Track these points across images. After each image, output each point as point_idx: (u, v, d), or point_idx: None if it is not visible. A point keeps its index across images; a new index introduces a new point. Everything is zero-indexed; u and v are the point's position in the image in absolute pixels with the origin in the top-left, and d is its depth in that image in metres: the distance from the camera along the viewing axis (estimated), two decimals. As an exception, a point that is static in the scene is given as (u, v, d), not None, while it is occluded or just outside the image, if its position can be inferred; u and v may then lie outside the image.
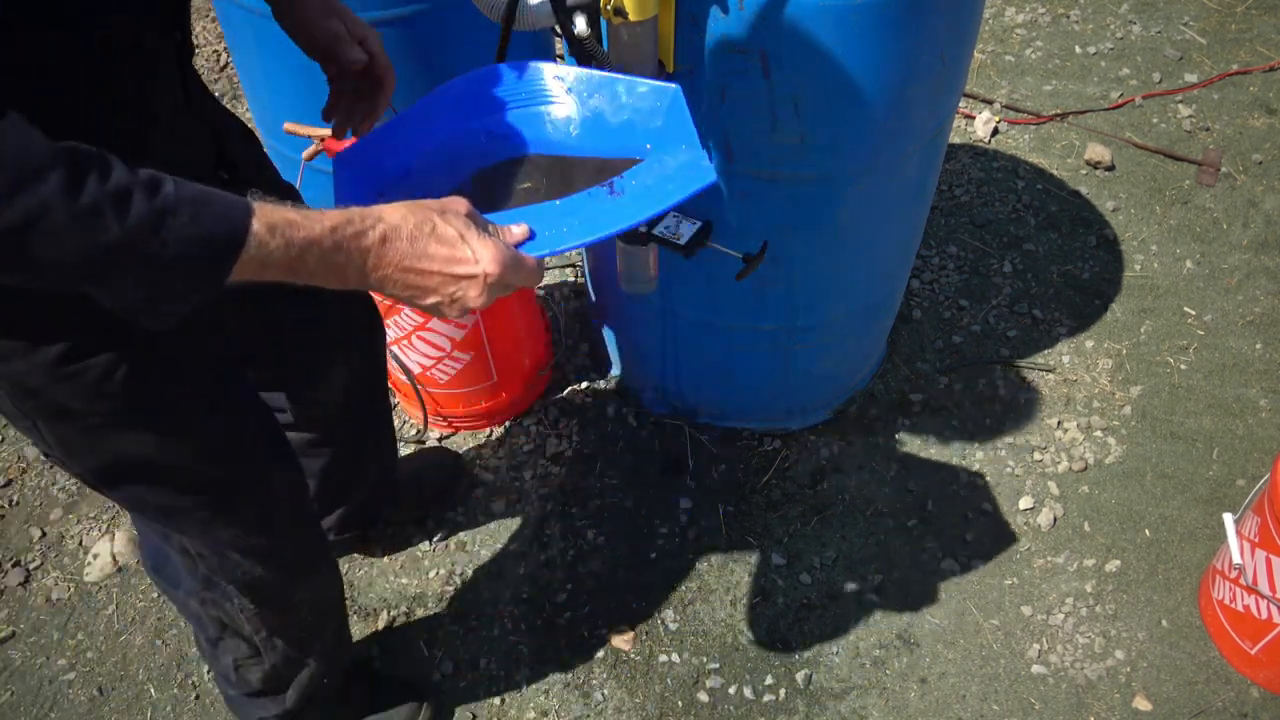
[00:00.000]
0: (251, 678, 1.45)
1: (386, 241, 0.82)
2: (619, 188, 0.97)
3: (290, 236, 0.77)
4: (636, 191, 0.96)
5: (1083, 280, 2.40)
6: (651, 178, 0.97)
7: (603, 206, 0.95)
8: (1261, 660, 1.69)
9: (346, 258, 0.80)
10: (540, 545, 1.94)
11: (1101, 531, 1.94)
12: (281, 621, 1.36)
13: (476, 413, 2.09)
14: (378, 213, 0.83)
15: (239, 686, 1.48)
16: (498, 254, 0.85)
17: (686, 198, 0.93)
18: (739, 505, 1.99)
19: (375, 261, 0.82)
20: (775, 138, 1.42)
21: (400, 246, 0.82)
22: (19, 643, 1.85)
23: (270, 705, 1.50)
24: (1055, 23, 3.17)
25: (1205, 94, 2.88)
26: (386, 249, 0.82)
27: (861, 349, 2.03)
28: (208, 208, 0.73)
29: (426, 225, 0.83)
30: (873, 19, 1.28)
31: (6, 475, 2.10)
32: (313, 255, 0.78)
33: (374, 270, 0.82)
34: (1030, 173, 2.67)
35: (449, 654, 1.79)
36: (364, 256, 0.81)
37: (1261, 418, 2.11)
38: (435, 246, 0.83)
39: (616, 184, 0.97)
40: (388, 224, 0.82)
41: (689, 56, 1.35)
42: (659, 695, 1.74)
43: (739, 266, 1.53)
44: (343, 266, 0.81)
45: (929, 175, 1.70)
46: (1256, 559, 1.61)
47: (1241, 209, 2.56)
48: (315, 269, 0.79)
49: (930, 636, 1.80)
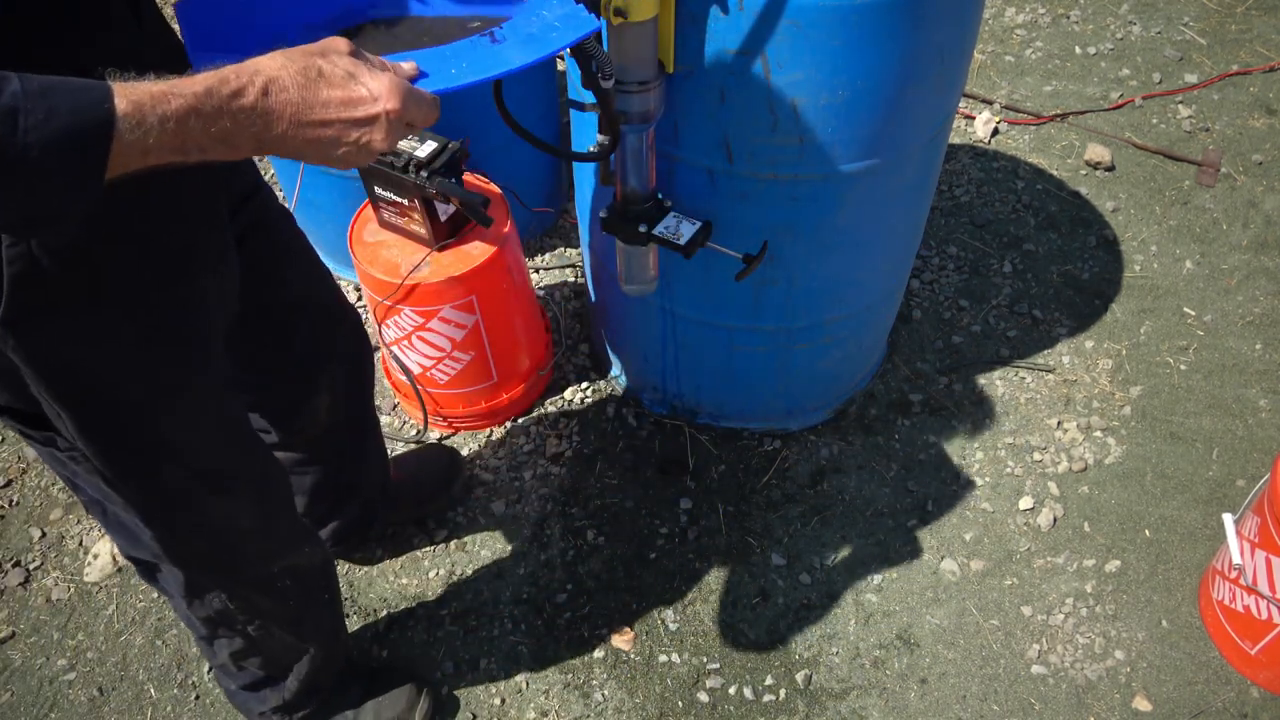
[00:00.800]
0: (250, 666, 1.45)
1: (269, 93, 0.75)
2: (499, 36, 0.96)
3: (163, 111, 0.70)
4: (520, 39, 0.95)
5: (1083, 280, 2.40)
6: (534, 27, 0.97)
7: (487, 52, 0.94)
8: (1261, 660, 1.69)
9: (233, 121, 0.74)
10: (540, 545, 1.94)
11: (1101, 532, 1.94)
12: (270, 604, 1.36)
13: (476, 413, 2.09)
14: (253, 66, 0.75)
15: (239, 678, 1.48)
16: (394, 86, 0.80)
17: (572, 42, 0.95)
18: (739, 505, 1.99)
19: (264, 121, 0.75)
20: (775, 138, 1.42)
21: (287, 98, 0.76)
22: (19, 643, 1.85)
23: (270, 696, 1.50)
24: (1055, 23, 3.18)
25: (1205, 94, 2.88)
26: (272, 102, 0.75)
27: (861, 349, 2.03)
28: (62, 97, 0.66)
29: (311, 70, 0.77)
30: (873, 19, 1.28)
31: (6, 475, 2.10)
32: (194, 126, 0.72)
33: (266, 131, 0.76)
34: (1030, 173, 2.67)
35: (449, 654, 1.79)
36: (250, 117, 0.75)
37: (1261, 418, 2.11)
38: (327, 91, 0.77)
39: (497, 33, 0.96)
40: (267, 75, 0.75)
41: (689, 56, 1.35)
42: (659, 695, 1.74)
43: (739, 266, 1.54)
44: (231, 133, 0.74)
45: (929, 175, 1.70)
46: (1256, 559, 1.61)
47: (1241, 209, 2.56)
48: (202, 141, 0.73)
49: (930, 636, 1.80)
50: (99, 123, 0.68)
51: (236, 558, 1.28)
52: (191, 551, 1.22)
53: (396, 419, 2.17)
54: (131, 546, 1.23)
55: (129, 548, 1.24)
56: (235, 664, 1.44)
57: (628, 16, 1.20)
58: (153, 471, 1.10)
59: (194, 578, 1.27)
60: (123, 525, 1.18)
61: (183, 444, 1.11)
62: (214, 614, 1.33)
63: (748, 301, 1.75)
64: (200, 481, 1.15)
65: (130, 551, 1.25)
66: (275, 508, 1.31)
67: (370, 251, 1.81)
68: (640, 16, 1.21)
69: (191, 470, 1.13)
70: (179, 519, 1.17)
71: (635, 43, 1.26)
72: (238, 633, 1.38)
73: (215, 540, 1.23)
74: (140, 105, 0.69)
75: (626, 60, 1.28)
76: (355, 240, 1.84)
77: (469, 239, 1.81)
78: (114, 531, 1.22)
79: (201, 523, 1.20)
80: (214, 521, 1.20)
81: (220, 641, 1.40)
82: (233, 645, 1.40)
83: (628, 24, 1.21)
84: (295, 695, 1.51)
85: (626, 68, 1.29)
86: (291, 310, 1.33)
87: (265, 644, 1.41)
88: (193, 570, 1.25)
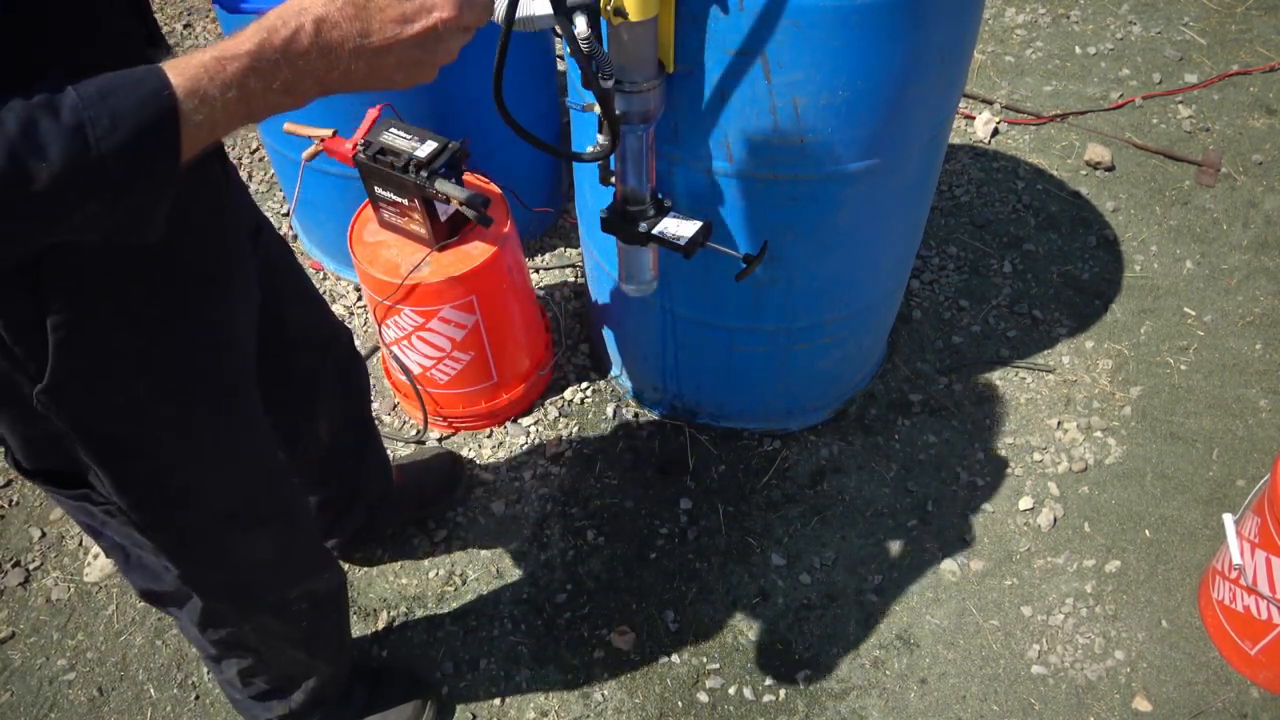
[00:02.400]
0: (258, 682, 1.45)
1: (321, 31, 0.71)
2: None
3: (221, 80, 0.67)
4: None
5: (1083, 280, 2.40)
6: None
7: None
8: (1261, 661, 1.68)
9: (293, 70, 0.71)
10: (540, 545, 1.94)
11: (1101, 532, 1.94)
12: (283, 626, 1.36)
13: (476, 413, 2.09)
14: (296, 5, 0.72)
15: (245, 691, 1.48)
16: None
17: None
18: (739, 505, 1.99)
19: (325, 61, 0.72)
20: (775, 138, 1.42)
21: (341, 32, 0.72)
22: (19, 643, 1.85)
23: (277, 705, 1.50)
24: (1055, 23, 3.18)
25: (1205, 94, 2.88)
26: (328, 39, 0.72)
27: (861, 349, 2.03)
28: (122, 97, 0.64)
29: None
30: (873, 20, 1.28)
31: (6, 475, 2.10)
32: (255, 86, 0.69)
33: (328, 71, 0.73)
34: (1030, 173, 2.67)
35: (449, 654, 1.79)
36: (309, 62, 0.71)
37: (1261, 418, 2.11)
38: (379, 13, 0.73)
39: None
40: (314, 13, 0.71)
41: (689, 57, 1.35)
42: (659, 695, 1.74)
43: (739, 266, 1.54)
44: (293, 83, 0.71)
45: (929, 175, 1.70)
46: (1256, 559, 1.61)
47: (1241, 209, 2.56)
48: (266, 98, 0.71)
49: (930, 636, 1.80)
50: (164, 114, 0.66)
51: (258, 587, 1.28)
52: (216, 583, 1.23)
53: (396, 419, 2.17)
54: (152, 583, 1.22)
55: (147, 584, 1.23)
56: (242, 680, 1.44)
57: (628, 16, 1.20)
58: (186, 517, 1.10)
59: (213, 607, 1.26)
60: (145, 567, 1.18)
61: (217, 487, 1.11)
62: (226, 637, 1.33)
63: (748, 301, 1.75)
64: (231, 521, 1.15)
65: (149, 587, 1.24)
66: (300, 536, 1.31)
67: (370, 251, 1.81)
68: (640, 16, 1.21)
69: (224, 510, 1.14)
70: (207, 556, 1.17)
71: (635, 43, 1.26)
72: (249, 653, 1.38)
73: (239, 572, 1.23)
74: (198, 82, 0.67)
75: (626, 60, 1.28)
76: (355, 240, 1.84)
77: (469, 239, 1.81)
78: (133, 572, 1.21)
79: (229, 558, 1.20)
80: (240, 555, 1.21)
81: (229, 661, 1.40)
82: (241, 664, 1.40)
83: (628, 24, 1.21)
84: (301, 707, 1.51)
85: (626, 68, 1.29)
86: (289, 346, 1.33)
87: (274, 662, 1.41)
88: (212, 599, 1.25)
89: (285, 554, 1.28)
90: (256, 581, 1.27)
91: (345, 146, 1.75)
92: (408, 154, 1.64)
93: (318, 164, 2.05)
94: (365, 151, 1.68)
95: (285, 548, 1.27)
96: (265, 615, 1.32)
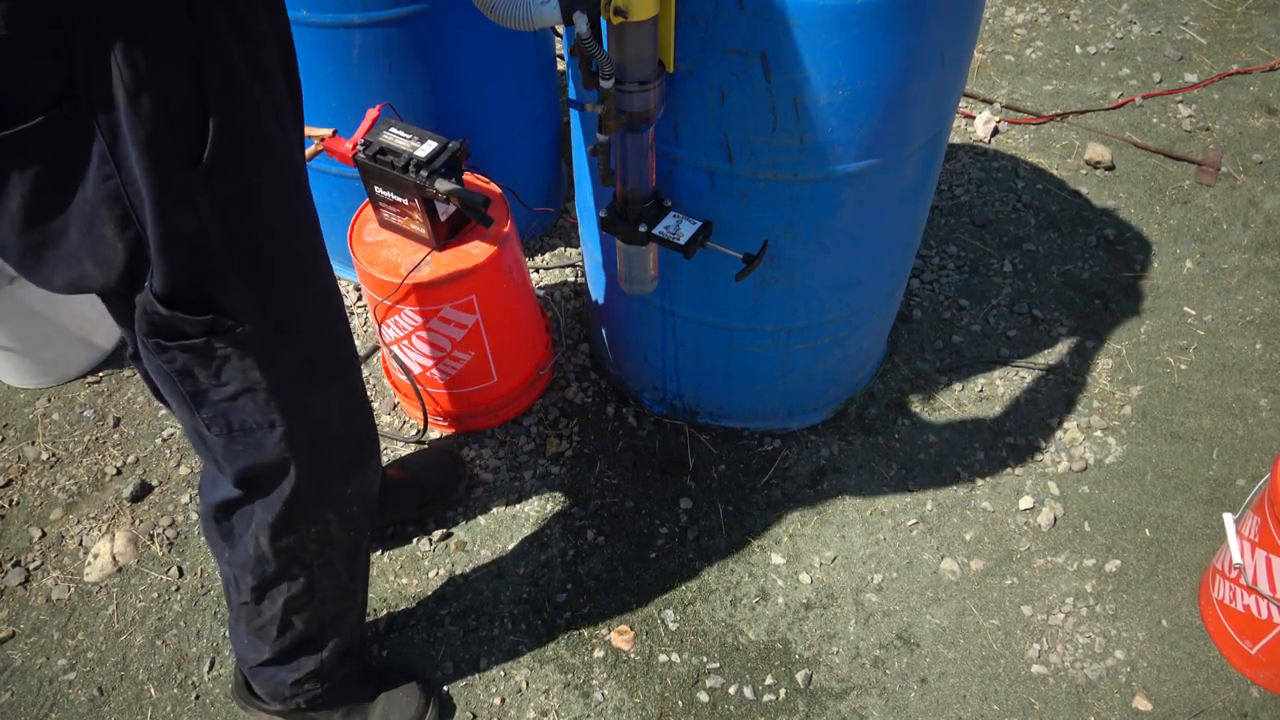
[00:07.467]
0: (299, 621, 1.42)
1: None
2: None
3: None
4: None
5: (1083, 280, 2.40)
6: None
7: None
8: (1261, 660, 1.69)
9: None
10: (540, 545, 1.94)
11: (1101, 531, 1.94)
12: (340, 531, 1.36)
13: (477, 413, 2.09)
14: None
15: (278, 643, 1.44)
16: None
17: None
18: (739, 505, 1.99)
19: None
20: (775, 138, 1.42)
21: None
22: (19, 643, 1.85)
23: (307, 661, 1.49)
24: (1055, 23, 3.18)
25: (1205, 94, 2.88)
26: None
27: (861, 349, 2.03)
28: None
29: None
30: (873, 19, 1.28)
31: (6, 475, 2.10)
32: None
33: None
34: (1030, 173, 2.67)
35: (449, 654, 1.79)
36: None
37: (1261, 418, 2.11)
38: None
39: None
40: None
41: (689, 56, 1.35)
42: (659, 695, 1.74)
43: (739, 266, 1.54)
44: None
45: (929, 175, 1.70)
46: (1256, 559, 1.61)
47: (1241, 209, 2.56)
48: None
49: (930, 636, 1.80)
50: None
51: (334, 464, 1.30)
52: (312, 451, 1.23)
53: (396, 419, 2.17)
54: (252, 458, 1.21)
55: (246, 463, 1.22)
56: (286, 616, 1.41)
57: (628, 16, 1.20)
58: (300, 348, 1.15)
59: (298, 491, 1.25)
60: (248, 435, 1.17)
61: (308, 324, 1.16)
62: (293, 544, 1.32)
63: (748, 301, 1.75)
64: (310, 369, 1.18)
65: (226, 496, 1.27)
66: (362, 409, 1.34)
67: (370, 251, 1.81)
68: (640, 16, 1.21)
69: (309, 354, 1.17)
70: (299, 408, 1.18)
71: (635, 42, 1.26)
72: (304, 570, 1.36)
73: (322, 443, 1.25)
74: None
75: (626, 60, 1.28)
76: (355, 240, 1.84)
77: (469, 239, 1.81)
78: (234, 459, 1.21)
79: (311, 415, 1.21)
80: (317, 414, 1.22)
81: (279, 590, 1.38)
82: (292, 589, 1.37)
83: (628, 23, 1.21)
84: (332, 655, 1.49)
85: (626, 67, 1.29)
86: None
87: (322, 586, 1.40)
88: (304, 472, 1.24)
89: (350, 426, 1.30)
90: (332, 458, 1.28)
91: (345, 146, 1.75)
92: (408, 154, 1.64)
93: (317, 164, 2.05)
94: (365, 151, 1.68)
95: (349, 419, 1.29)
96: (330, 513, 1.33)
